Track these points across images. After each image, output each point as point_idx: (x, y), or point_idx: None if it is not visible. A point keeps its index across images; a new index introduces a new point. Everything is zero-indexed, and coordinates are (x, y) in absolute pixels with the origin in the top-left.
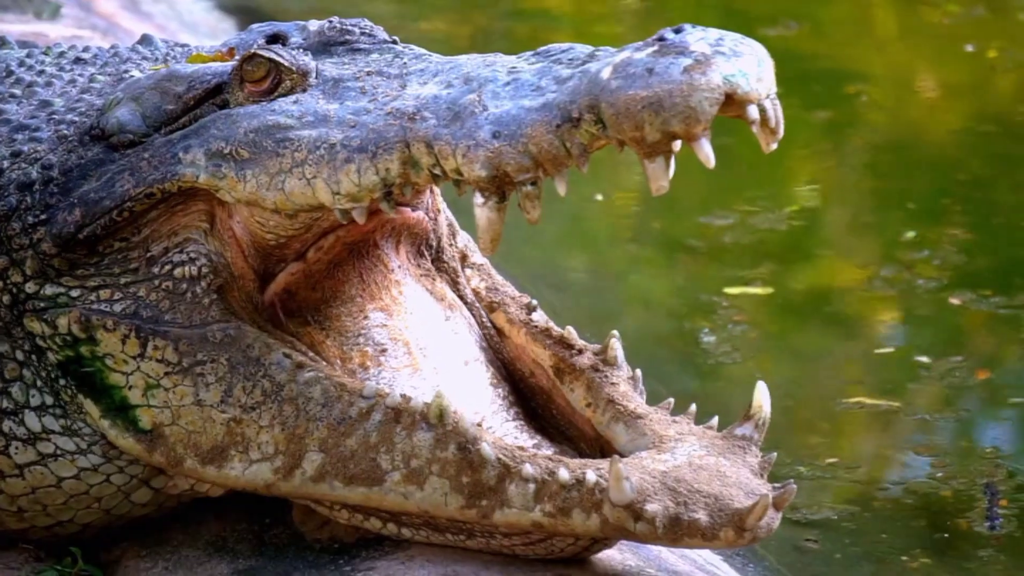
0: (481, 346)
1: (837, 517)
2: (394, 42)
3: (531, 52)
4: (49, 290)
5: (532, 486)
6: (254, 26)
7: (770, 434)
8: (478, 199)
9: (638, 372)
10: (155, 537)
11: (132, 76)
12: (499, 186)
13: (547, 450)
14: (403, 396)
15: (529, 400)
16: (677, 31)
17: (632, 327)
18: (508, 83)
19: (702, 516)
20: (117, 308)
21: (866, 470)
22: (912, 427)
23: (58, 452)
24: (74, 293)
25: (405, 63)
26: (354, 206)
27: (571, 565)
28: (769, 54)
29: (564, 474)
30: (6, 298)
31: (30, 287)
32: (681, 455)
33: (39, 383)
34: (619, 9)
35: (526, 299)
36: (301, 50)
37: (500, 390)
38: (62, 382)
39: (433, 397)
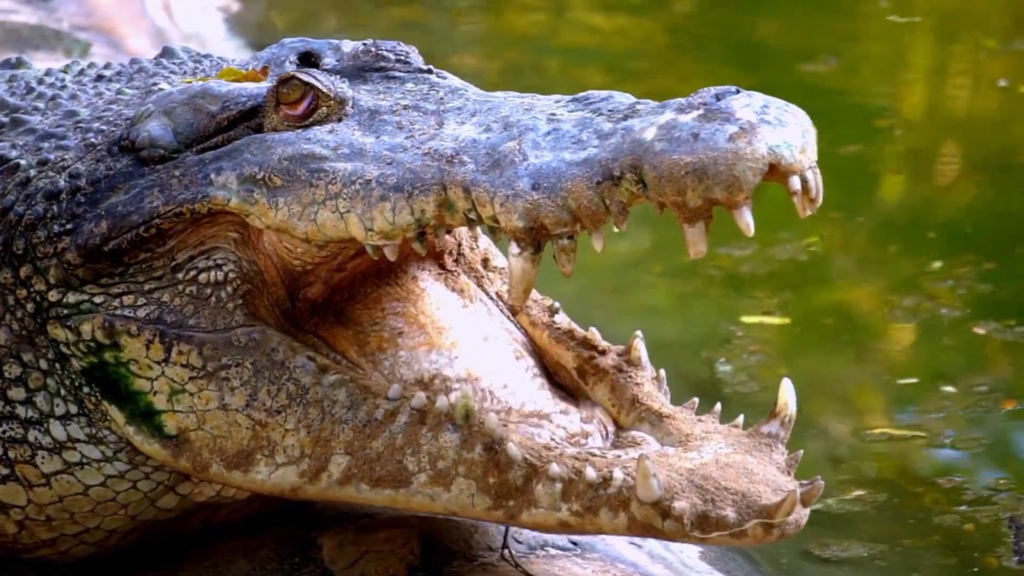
0: (504, 327)
1: (867, 555)
2: (428, 71)
3: (569, 97)
4: (72, 298)
5: (559, 486)
6: (285, 41)
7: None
8: (514, 248)
9: (662, 372)
10: None
11: (162, 88)
12: (535, 237)
13: (575, 414)
14: (428, 398)
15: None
16: (719, 96)
17: (648, 356)
18: (549, 133)
19: (730, 513)
20: (141, 313)
21: (893, 504)
22: (937, 458)
23: (84, 460)
24: (97, 299)
25: (442, 97)
26: (386, 243)
27: None
28: (811, 121)
29: (591, 473)
30: (30, 306)
31: (53, 295)
32: (708, 453)
33: (63, 392)
34: (649, 45)
35: (548, 301)
36: (337, 76)
37: (523, 362)
38: (86, 390)
39: (459, 398)
